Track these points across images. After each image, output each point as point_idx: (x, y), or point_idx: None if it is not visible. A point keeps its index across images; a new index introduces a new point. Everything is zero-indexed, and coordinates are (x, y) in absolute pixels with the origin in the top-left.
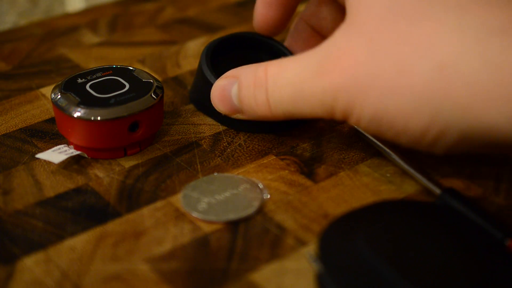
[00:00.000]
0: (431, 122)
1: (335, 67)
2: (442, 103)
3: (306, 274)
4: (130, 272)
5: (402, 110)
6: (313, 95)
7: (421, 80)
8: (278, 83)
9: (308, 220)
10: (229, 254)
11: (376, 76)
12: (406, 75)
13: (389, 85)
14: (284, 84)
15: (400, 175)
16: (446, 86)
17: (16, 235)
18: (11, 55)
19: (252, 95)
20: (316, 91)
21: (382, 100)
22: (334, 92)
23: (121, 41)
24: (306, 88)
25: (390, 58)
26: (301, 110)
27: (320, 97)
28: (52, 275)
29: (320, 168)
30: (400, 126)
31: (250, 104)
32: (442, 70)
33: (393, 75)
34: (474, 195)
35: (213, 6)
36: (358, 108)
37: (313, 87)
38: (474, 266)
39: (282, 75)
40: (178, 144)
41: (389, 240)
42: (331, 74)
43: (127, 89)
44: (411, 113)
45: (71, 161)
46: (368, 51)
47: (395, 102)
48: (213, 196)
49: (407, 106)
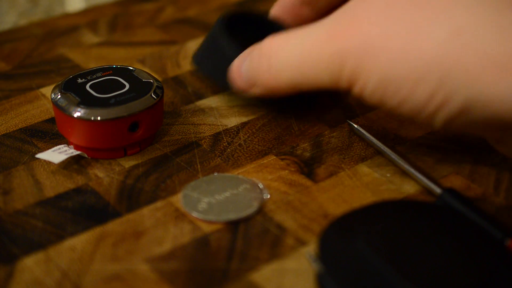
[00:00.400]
0: (437, 88)
1: (345, 31)
2: (451, 69)
3: (306, 274)
4: (130, 272)
5: (410, 74)
6: (319, 60)
7: (434, 44)
8: (283, 50)
9: (308, 220)
10: (229, 254)
11: (387, 39)
12: (419, 38)
13: (400, 48)
14: (290, 50)
15: (400, 175)
16: (459, 52)
17: (16, 235)
18: (11, 55)
19: (256, 64)
20: (323, 56)
21: (391, 64)
22: (342, 57)
23: (121, 41)
24: (313, 53)
25: (405, 21)
26: (306, 77)
27: (327, 62)
28: (52, 275)
29: (320, 168)
30: (405, 91)
31: (254, 73)
32: (457, 36)
33: (406, 38)
34: (474, 195)
35: (213, 6)
36: (365, 72)
37: (320, 52)
38: (474, 266)
39: (288, 42)
40: (178, 144)
41: (389, 240)
42: (341, 37)
43: (127, 89)
44: (419, 78)
45: (71, 161)
46: (382, 15)
47: (404, 65)
48: (213, 196)
49: (416, 70)
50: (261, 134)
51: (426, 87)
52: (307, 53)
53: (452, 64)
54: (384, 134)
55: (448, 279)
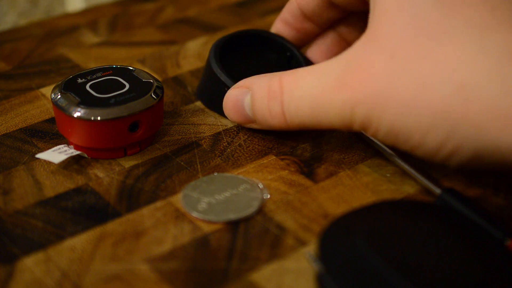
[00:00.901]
0: (447, 139)
1: (355, 81)
2: (458, 122)
3: (306, 274)
4: (130, 272)
5: (419, 126)
6: (331, 108)
7: (440, 98)
8: (294, 95)
9: (308, 220)
10: (229, 254)
11: (395, 91)
12: (425, 92)
13: (407, 101)
14: (301, 95)
15: (400, 175)
16: (464, 106)
17: (16, 235)
18: (11, 55)
19: (266, 107)
20: (335, 104)
21: (399, 115)
22: (353, 105)
23: (121, 41)
24: (324, 100)
25: (410, 74)
26: (318, 121)
27: (339, 110)
28: (52, 275)
29: (320, 168)
30: (416, 140)
31: (264, 116)
32: (461, 91)
33: (412, 91)
34: (474, 195)
35: (213, 6)
36: (376, 121)
37: (332, 99)
38: (474, 266)
39: (298, 86)
40: (178, 144)
41: (389, 240)
42: (351, 87)
43: (127, 89)
44: (427, 129)
45: (71, 161)
46: (388, 67)
47: (413, 117)
48: (213, 196)
49: (424, 122)
50: (261, 134)
51: (435, 137)
52: (318, 99)
53: (459, 117)
54: None
55: (448, 279)
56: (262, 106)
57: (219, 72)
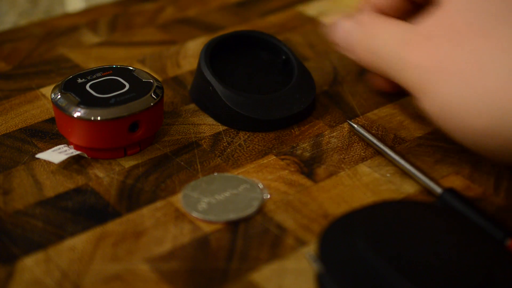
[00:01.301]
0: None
1: (417, 46)
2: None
3: (306, 274)
4: (130, 272)
5: (471, 105)
6: (398, 63)
7: (495, 79)
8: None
9: (308, 220)
10: (229, 254)
11: (452, 63)
12: (481, 70)
13: (463, 77)
14: (381, 38)
15: (400, 175)
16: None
17: (16, 235)
18: (11, 55)
19: (359, 32)
20: (402, 59)
21: (453, 90)
22: (412, 68)
23: (121, 41)
24: (391, 53)
25: (469, 50)
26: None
27: (403, 66)
28: (52, 275)
29: (320, 168)
30: (466, 122)
31: (350, 39)
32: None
33: (470, 68)
34: (474, 195)
35: (213, 6)
36: (430, 91)
37: (399, 55)
38: (474, 266)
39: (380, 30)
40: (178, 144)
41: (389, 240)
42: (413, 51)
43: (127, 89)
44: (479, 110)
45: (71, 161)
46: (448, 40)
47: (467, 95)
48: (213, 196)
49: (477, 101)
50: (261, 134)
51: (485, 119)
52: (392, 47)
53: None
54: (384, 134)
55: (448, 279)
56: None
57: (208, 74)
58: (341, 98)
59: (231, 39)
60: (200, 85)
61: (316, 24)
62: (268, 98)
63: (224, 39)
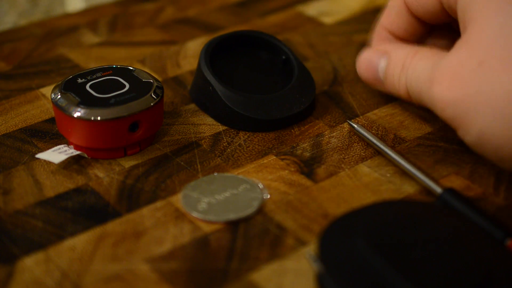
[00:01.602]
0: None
1: (446, 81)
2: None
3: (306, 274)
4: (130, 272)
5: (509, 135)
6: (429, 98)
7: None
8: (413, 74)
9: (308, 220)
10: (229, 254)
11: (484, 98)
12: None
13: (498, 108)
14: (416, 77)
15: (400, 175)
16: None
17: (16, 235)
18: (11, 55)
19: (397, 75)
20: (430, 95)
21: (489, 122)
22: (443, 104)
23: (121, 41)
24: (424, 88)
25: (500, 83)
26: (424, 104)
27: (432, 102)
28: (52, 275)
29: (320, 168)
30: (505, 151)
31: (393, 83)
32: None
33: (503, 101)
34: (474, 195)
35: (213, 6)
36: (465, 124)
37: (429, 90)
38: (474, 266)
39: (417, 68)
40: (178, 144)
41: (389, 240)
42: (442, 86)
43: (127, 89)
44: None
45: (71, 161)
46: (477, 74)
47: (503, 126)
48: (213, 196)
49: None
50: (261, 134)
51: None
52: (421, 84)
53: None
54: (384, 134)
55: (448, 279)
56: (395, 73)
57: (208, 74)
58: (341, 98)
59: (231, 39)
60: (200, 85)
61: (316, 24)
62: (268, 98)
63: (224, 39)
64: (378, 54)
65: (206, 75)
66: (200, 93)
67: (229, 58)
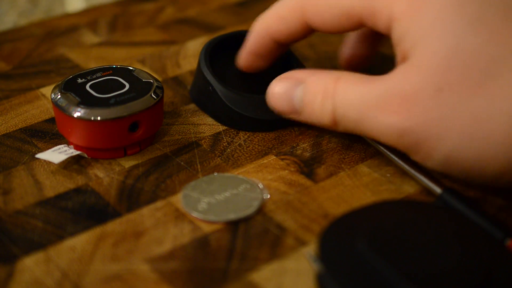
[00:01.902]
0: (508, 168)
1: (401, 108)
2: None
3: (306, 274)
4: (130, 272)
5: (478, 157)
6: (376, 126)
7: (501, 130)
8: (344, 102)
9: (308, 220)
10: (229, 254)
11: (451, 123)
12: (483, 125)
13: (465, 132)
14: (350, 105)
15: (400, 175)
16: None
17: (16, 235)
18: (11, 55)
19: (319, 103)
20: (380, 125)
21: (456, 146)
22: (401, 132)
23: (121, 41)
24: (370, 116)
25: (464, 108)
26: (362, 132)
27: (384, 131)
28: (52, 275)
29: (320, 168)
30: (475, 171)
31: (314, 111)
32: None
33: (469, 123)
34: (474, 195)
35: (213, 6)
36: (426, 150)
37: (377, 119)
38: (474, 266)
39: (348, 95)
40: (178, 144)
41: (389, 240)
42: (397, 113)
43: (127, 89)
44: (487, 160)
45: (71, 161)
46: (438, 100)
47: (471, 149)
48: (213, 196)
49: (483, 153)
50: (261, 134)
51: (495, 168)
52: (363, 114)
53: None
54: None
55: (448, 279)
56: (315, 101)
57: (208, 74)
58: None
59: (231, 39)
60: (200, 85)
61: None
62: None
63: (224, 39)
64: (292, 83)
65: (206, 75)
66: (200, 93)
67: (229, 58)
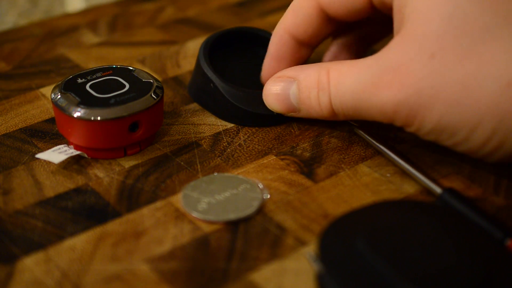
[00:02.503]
0: (493, 134)
1: (394, 81)
2: (504, 118)
3: (306, 274)
4: (130, 272)
5: (466, 123)
6: (372, 106)
7: (487, 95)
8: (339, 89)
9: (308, 220)
10: (229, 254)
11: (439, 91)
12: (472, 90)
13: (453, 100)
14: (345, 91)
15: (400, 175)
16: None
17: (16, 235)
18: (11, 55)
19: (315, 97)
20: (376, 103)
21: (445, 114)
22: (395, 106)
23: (121, 41)
24: (365, 98)
25: (454, 74)
26: (361, 116)
27: (380, 108)
28: (52, 275)
29: (320, 168)
30: (460, 137)
31: (312, 105)
32: (508, 87)
33: (458, 90)
34: (474, 195)
35: (213, 6)
36: (419, 119)
37: (372, 98)
38: (474, 266)
39: (343, 81)
40: (178, 144)
41: (389, 240)
42: (391, 88)
43: (127, 89)
44: (474, 126)
45: (71, 161)
46: (430, 67)
47: (459, 115)
48: (213, 196)
49: (471, 119)
50: (261, 134)
51: (480, 134)
52: (359, 97)
53: (505, 114)
54: (384, 134)
55: (448, 279)
56: (311, 95)
57: (207, 70)
58: None
59: (229, 35)
60: (199, 82)
61: None
62: None
63: (222, 35)
64: (285, 82)
65: (206, 72)
66: (200, 91)
67: (227, 54)
